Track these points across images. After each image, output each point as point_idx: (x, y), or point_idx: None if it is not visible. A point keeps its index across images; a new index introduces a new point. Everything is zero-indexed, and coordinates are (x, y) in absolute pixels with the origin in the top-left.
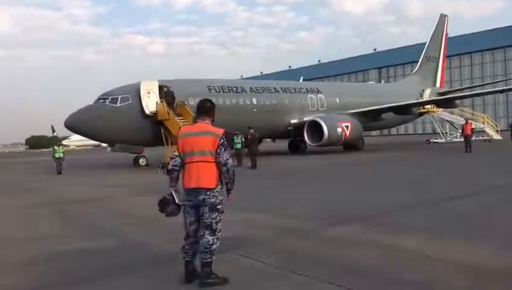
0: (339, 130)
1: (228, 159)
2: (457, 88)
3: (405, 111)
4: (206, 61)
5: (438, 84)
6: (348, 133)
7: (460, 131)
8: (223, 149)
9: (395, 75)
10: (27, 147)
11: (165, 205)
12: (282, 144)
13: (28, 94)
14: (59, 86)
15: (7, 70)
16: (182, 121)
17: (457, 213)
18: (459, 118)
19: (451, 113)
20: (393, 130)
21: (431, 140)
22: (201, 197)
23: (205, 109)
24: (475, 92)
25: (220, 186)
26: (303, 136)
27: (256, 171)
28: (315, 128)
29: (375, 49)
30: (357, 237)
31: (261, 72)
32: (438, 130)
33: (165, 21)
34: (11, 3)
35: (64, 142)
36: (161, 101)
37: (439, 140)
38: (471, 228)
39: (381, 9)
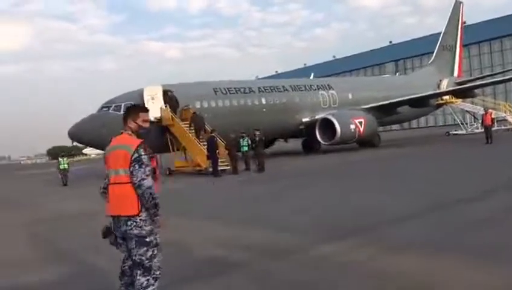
0: (352, 126)
1: (143, 180)
2: (477, 77)
3: (421, 103)
4: (222, 63)
5: (455, 74)
6: (361, 129)
7: (480, 121)
8: (136, 166)
9: (412, 67)
10: (49, 157)
11: (108, 234)
12: (297, 144)
13: (49, 105)
14: (79, 95)
15: (29, 82)
16: (186, 125)
17: (471, 221)
18: (479, 107)
19: (472, 103)
20: (414, 123)
21: (451, 132)
22: (123, 228)
23: (124, 116)
24: (493, 79)
25: (146, 213)
26: (315, 135)
27: (263, 174)
28: (327, 126)
29: (390, 42)
30: (350, 256)
31: (276, 72)
32: (458, 122)
33: (180, 26)
34: (30, 17)
35: (84, 151)
36: (165, 107)
37: (459, 132)
38: (484, 242)
39: (397, 1)
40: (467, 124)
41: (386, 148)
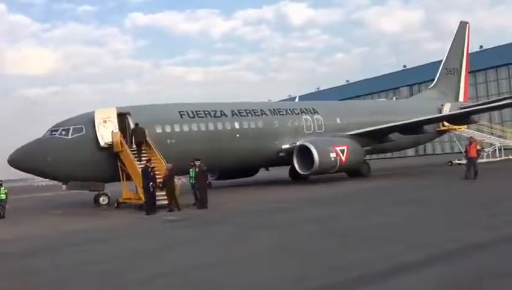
0: (332, 155)
1: None
2: (485, 101)
3: (413, 130)
4: (243, 87)
5: (461, 99)
6: (343, 158)
7: (487, 150)
8: None
9: None
10: None
11: None
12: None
13: None
14: None
15: (55, 104)
16: (133, 152)
17: None
18: (487, 135)
19: (481, 131)
20: (429, 149)
21: (454, 161)
22: None
23: None
24: (491, 105)
25: None
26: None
27: (202, 212)
28: (306, 154)
29: (404, 66)
30: None
31: (289, 95)
32: (462, 150)
33: (203, 50)
34: (59, 42)
35: None
36: (117, 130)
37: (463, 161)
38: None
39: (418, 26)
40: None
41: (370, 181)
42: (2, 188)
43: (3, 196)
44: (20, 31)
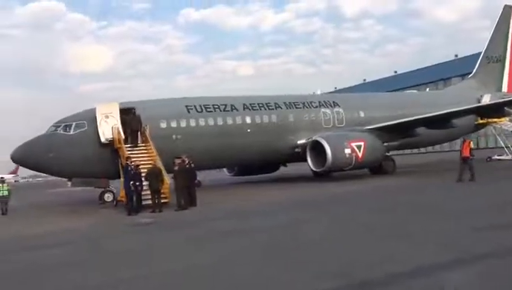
0: (347, 151)
1: None
2: None
3: (441, 124)
4: (294, 79)
5: (504, 89)
6: (360, 154)
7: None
8: None
9: None
10: None
11: None
12: None
13: None
14: None
15: (110, 99)
16: (128, 149)
17: None
18: None
19: None
20: (474, 143)
21: (493, 157)
22: None
23: None
24: None
25: None
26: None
27: (186, 213)
28: (319, 150)
29: (456, 55)
30: None
31: (335, 88)
32: (502, 145)
33: (253, 44)
34: (117, 40)
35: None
36: (116, 127)
37: (503, 157)
38: None
39: (476, 15)
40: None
41: (393, 178)
42: (5, 185)
43: (6, 193)
44: (79, 29)
